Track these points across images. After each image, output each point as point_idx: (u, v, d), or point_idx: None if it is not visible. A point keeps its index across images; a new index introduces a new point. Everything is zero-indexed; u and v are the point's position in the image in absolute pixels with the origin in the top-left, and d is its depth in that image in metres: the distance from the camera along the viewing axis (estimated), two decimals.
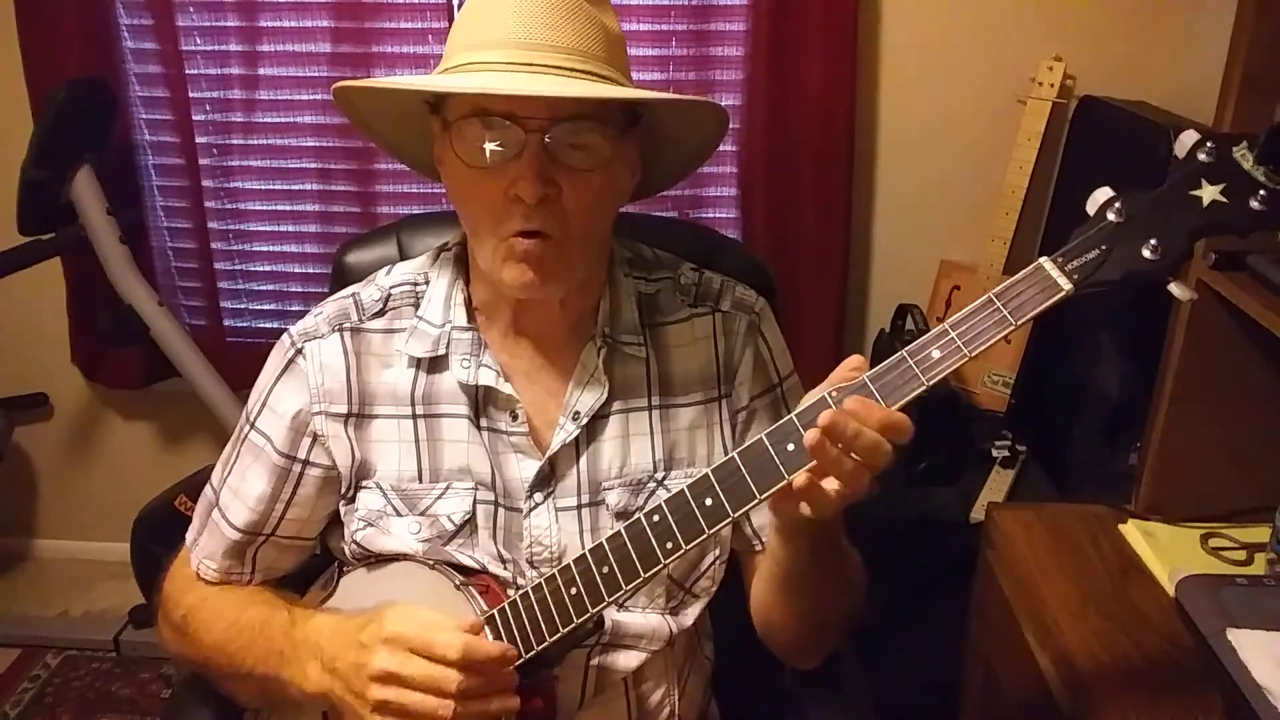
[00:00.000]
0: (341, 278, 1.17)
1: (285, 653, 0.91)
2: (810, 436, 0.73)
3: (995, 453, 1.81)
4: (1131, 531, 1.32)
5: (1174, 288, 0.73)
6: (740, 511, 0.79)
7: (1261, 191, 0.71)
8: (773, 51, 1.91)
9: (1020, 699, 1.24)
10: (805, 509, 0.77)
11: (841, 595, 0.96)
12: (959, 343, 0.74)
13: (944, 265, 2.05)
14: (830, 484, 0.76)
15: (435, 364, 0.97)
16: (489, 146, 0.85)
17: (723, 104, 2.00)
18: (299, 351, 0.97)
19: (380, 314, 0.99)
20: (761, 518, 1.03)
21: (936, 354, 0.75)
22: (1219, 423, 1.32)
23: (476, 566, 0.96)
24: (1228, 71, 1.19)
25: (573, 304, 0.98)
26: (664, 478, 1.00)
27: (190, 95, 2.10)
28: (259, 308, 2.30)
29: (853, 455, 0.73)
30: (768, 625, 1.02)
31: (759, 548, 1.04)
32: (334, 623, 0.89)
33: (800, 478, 0.76)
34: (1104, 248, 0.73)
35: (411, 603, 0.87)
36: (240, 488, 0.99)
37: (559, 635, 0.87)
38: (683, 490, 0.81)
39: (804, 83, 1.93)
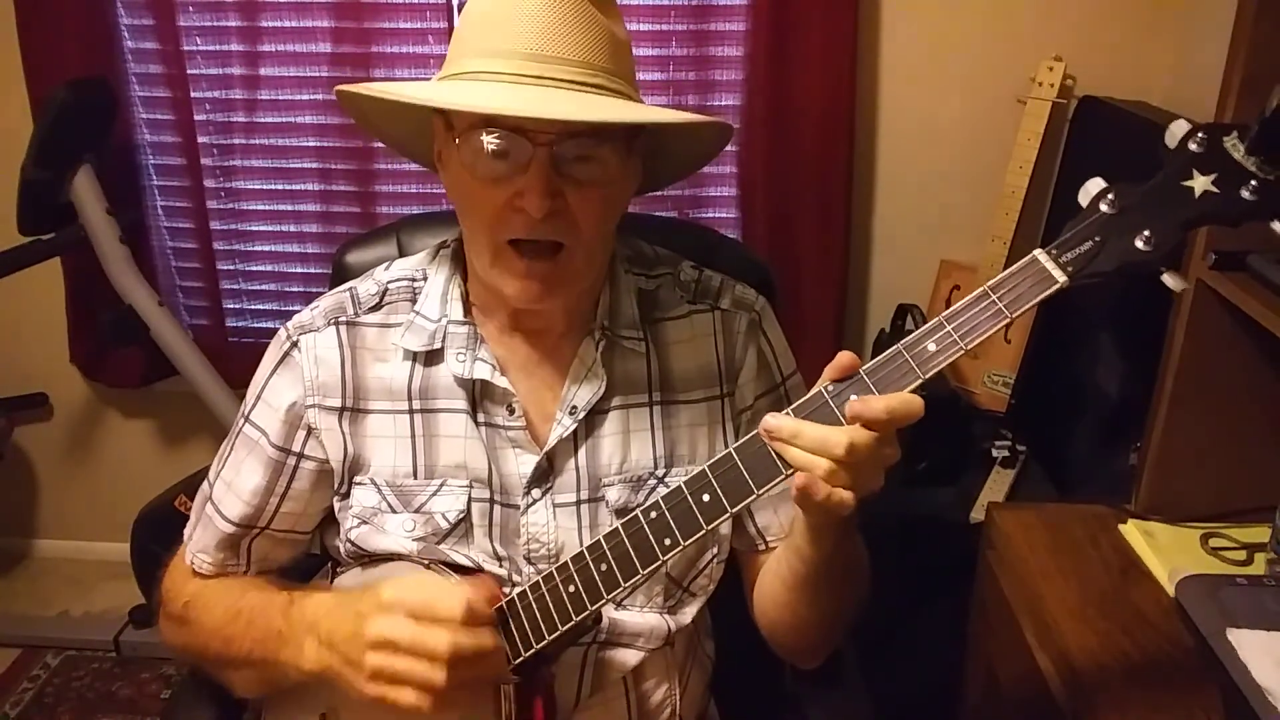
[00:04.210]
0: (341, 277, 1.16)
1: (283, 632, 0.90)
2: (762, 423, 0.76)
3: (995, 453, 1.81)
4: (1131, 531, 1.31)
5: (1167, 278, 0.73)
6: (738, 507, 0.79)
7: (1253, 182, 0.71)
8: (773, 51, 1.91)
9: (1020, 699, 1.24)
10: (820, 505, 0.76)
11: (854, 591, 0.96)
12: (955, 336, 0.74)
13: (944, 265, 2.05)
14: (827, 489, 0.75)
15: (431, 358, 0.97)
16: (496, 155, 0.85)
17: (722, 104, 2.03)
18: (294, 345, 0.97)
19: (376, 308, 0.99)
20: (765, 518, 1.03)
21: (932, 347, 0.74)
22: (1219, 423, 1.31)
23: (472, 565, 0.95)
24: (1228, 71, 1.19)
25: (572, 303, 0.98)
26: (665, 475, 0.99)
27: (191, 95, 2.10)
28: (259, 307, 2.31)
29: (819, 454, 0.74)
30: (777, 624, 1.01)
31: (762, 547, 1.04)
32: (332, 599, 0.89)
33: (800, 478, 0.76)
34: (1098, 239, 0.73)
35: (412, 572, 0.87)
36: (234, 481, 0.99)
37: (557, 633, 0.86)
38: (680, 487, 0.81)
39: (804, 83, 1.93)
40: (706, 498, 0.80)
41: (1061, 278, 0.73)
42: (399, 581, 0.84)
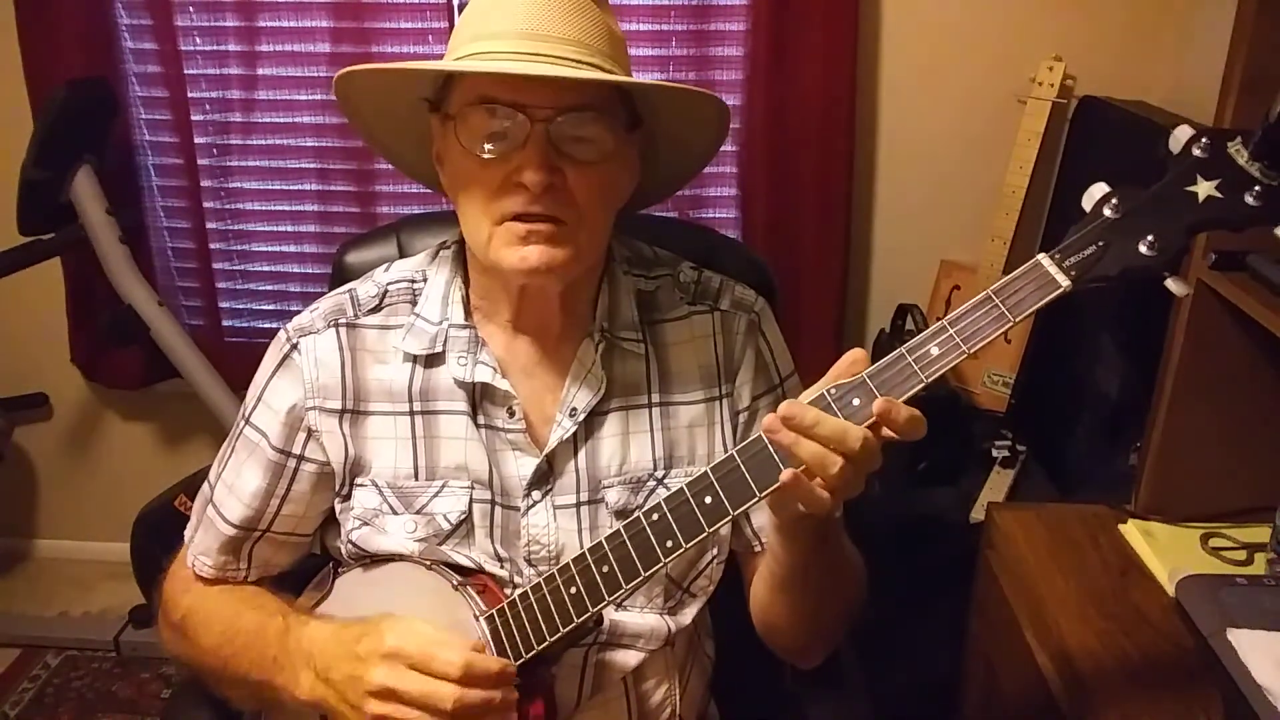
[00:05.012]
0: (341, 277, 1.16)
1: (279, 659, 0.90)
2: (768, 421, 0.74)
3: (995, 453, 1.81)
4: (1131, 531, 1.31)
5: (1171, 283, 0.73)
6: (740, 510, 0.79)
7: (1257, 187, 0.71)
8: (773, 51, 1.91)
9: (1020, 699, 1.24)
10: (802, 506, 0.77)
11: (842, 594, 0.96)
12: (957, 339, 0.74)
13: (944, 265, 2.05)
14: (818, 482, 0.76)
15: (431, 361, 0.97)
16: (494, 136, 0.86)
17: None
18: (294, 347, 0.97)
19: (376, 310, 0.99)
20: (761, 518, 1.03)
21: (935, 351, 0.74)
22: (1219, 423, 1.31)
23: (473, 566, 0.95)
24: (1228, 71, 1.19)
25: (571, 300, 0.98)
26: (664, 476, 0.99)
27: (190, 95, 2.10)
28: (258, 308, 2.30)
29: (833, 449, 0.73)
30: (769, 625, 1.02)
31: (759, 548, 1.04)
32: (329, 632, 0.89)
33: (788, 474, 0.76)
34: (1101, 244, 0.73)
35: (411, 612, 0.86)
36: (235, 483, 0.99)
37: (558, 635, 0.86)
38: (682, 489, 0.81)
39: (804, 83, 1.93)
40: (709, 500, 0.80)
41: (1065, 282, 0.73)
42: (399, 628, 0.84)
